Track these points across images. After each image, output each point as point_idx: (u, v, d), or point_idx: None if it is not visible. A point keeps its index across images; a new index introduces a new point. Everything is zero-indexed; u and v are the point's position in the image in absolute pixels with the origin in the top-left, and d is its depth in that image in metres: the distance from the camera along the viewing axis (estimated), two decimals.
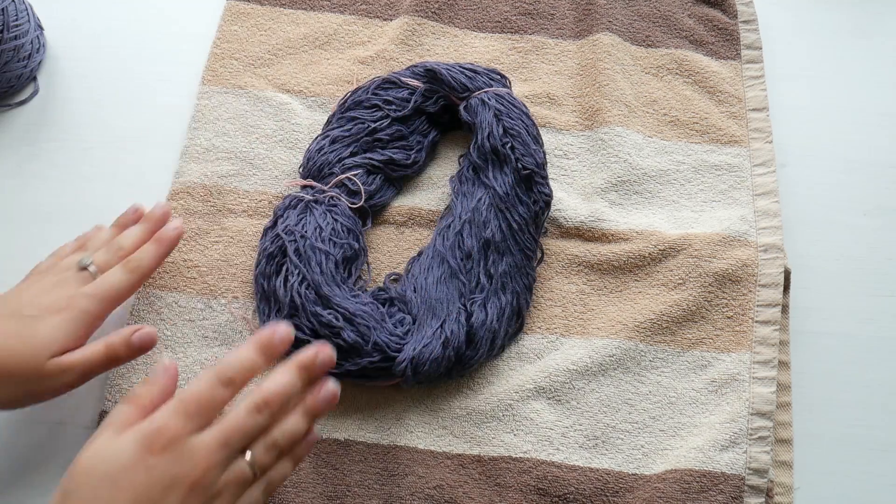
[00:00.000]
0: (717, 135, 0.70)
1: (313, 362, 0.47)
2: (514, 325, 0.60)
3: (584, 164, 0.69)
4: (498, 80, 0.68)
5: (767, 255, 0.64)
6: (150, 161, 0.69)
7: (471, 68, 0.67)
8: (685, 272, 0.63)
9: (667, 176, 0.68)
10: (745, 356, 0.60)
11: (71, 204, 0.67)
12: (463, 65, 0.68)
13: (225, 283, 0.62)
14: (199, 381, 0.44)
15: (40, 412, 0.59)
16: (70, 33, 0.75)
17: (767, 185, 0.68)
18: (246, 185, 0.67)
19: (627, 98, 0.71)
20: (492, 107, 0.64)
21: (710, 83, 0.73)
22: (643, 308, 0.62)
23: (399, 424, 0.58)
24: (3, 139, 0.70)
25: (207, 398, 0.44)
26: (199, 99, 0.71)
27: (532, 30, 0.76)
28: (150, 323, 0.61)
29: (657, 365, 0.60)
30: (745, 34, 0.76)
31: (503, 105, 0.65)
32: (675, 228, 0.66)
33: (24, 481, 0.56)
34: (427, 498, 0.55)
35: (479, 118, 0.64)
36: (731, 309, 0.62)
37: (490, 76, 0.67)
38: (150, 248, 0.58)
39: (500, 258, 0.60)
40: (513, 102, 0.66)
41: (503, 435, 0.58)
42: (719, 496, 0.55)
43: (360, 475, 0.56)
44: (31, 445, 0.57)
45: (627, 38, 0.75)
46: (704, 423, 0.58)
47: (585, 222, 0.65)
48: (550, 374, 0.59)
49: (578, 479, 0.56)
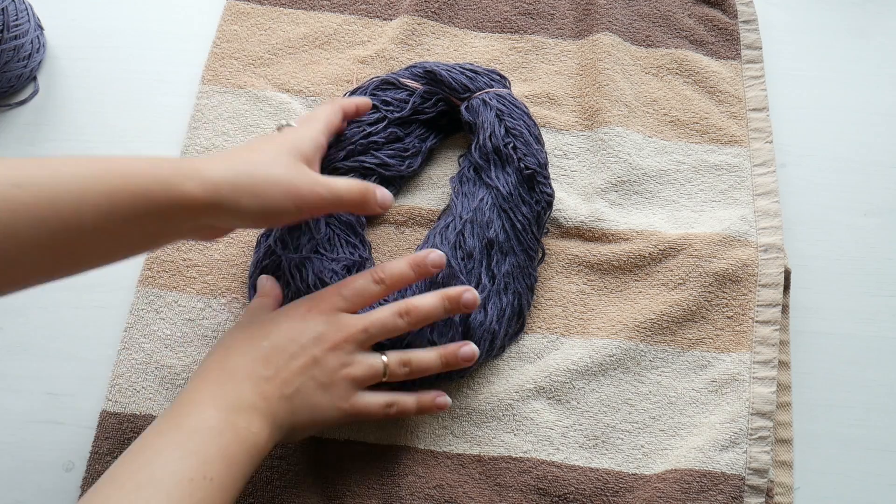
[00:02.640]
0: (717, 135, 0.70)
1: (459, 296, 0.54)
2: (515, 326, 0.60)
3: (584, 164, 0.69)
4: (498, 80, 0.67)
5: (767, 255, 0.64)
6: None
7: (471, 69, 0.67)
8: (685, 272, 0.63)
9: (667, 176, 0.68)
10: (745, 356, 0.60)
11: None
12: (463, 65, 0.67)
13: (225, 283, 0.62)
14: (357, 276, 0.54)
15: (40, 412, 0.59)
16: (70, 33, 0.75)
17: (767, 185, 0.68)
18: None
19: (627, 98, 0.71)
20: (493, 107, 0.64)
21: (711, 83, 0.73)
22: (643, 308, 0.62)
23: (399, 424, 0.58)
24: (3, 139, 0.70)
25: (361, 288, 0.53)
26: (198, 98, 0.71)
27: (532, 30, 0.76)
28: (149, 322, 0.61)
29: (657, 365, 0.60)
30: (745, 34, 0.76)
31: (505, 105, 0.64)
32: (675, 228, 0.66)
33: (24, 481, 0.56)
34: (427, 498, 0.55)
35: (481, 118, 0.64)
36: (731, 309, 0.62)
37: (490, 77, 0.67)
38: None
39: (503, 258, 0.60)
40: (514, 103, 0.65)
41: (503, 435, 0.58)
42: (719, 496, 0.55)
43: (359, 475, 0.56)
44: (31, 445, 0.57)
45: (627, 38, 0.75)
46: (704, 423, 0.58)
47: (585, 222, 0.65)
48: (550, 373, 0.59)
49: (578, 479, 0.56)
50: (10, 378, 0.60)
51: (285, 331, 0.51)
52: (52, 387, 0.60)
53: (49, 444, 0.58)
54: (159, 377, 0.59)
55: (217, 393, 0.47)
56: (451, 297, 0.54)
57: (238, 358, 0.49)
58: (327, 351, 0.51)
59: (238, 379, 0.48)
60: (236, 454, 0.46)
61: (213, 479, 0.44)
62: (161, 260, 0.63)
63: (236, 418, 0.47)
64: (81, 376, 0.60)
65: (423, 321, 0.53)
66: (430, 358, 0.54)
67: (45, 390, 0.60)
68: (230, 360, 0.49)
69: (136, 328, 0.61)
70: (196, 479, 0.43)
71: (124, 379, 0.59)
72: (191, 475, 0.43)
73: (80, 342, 0.61)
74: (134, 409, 0.57)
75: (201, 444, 0.45)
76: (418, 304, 0.53)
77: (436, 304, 0.54)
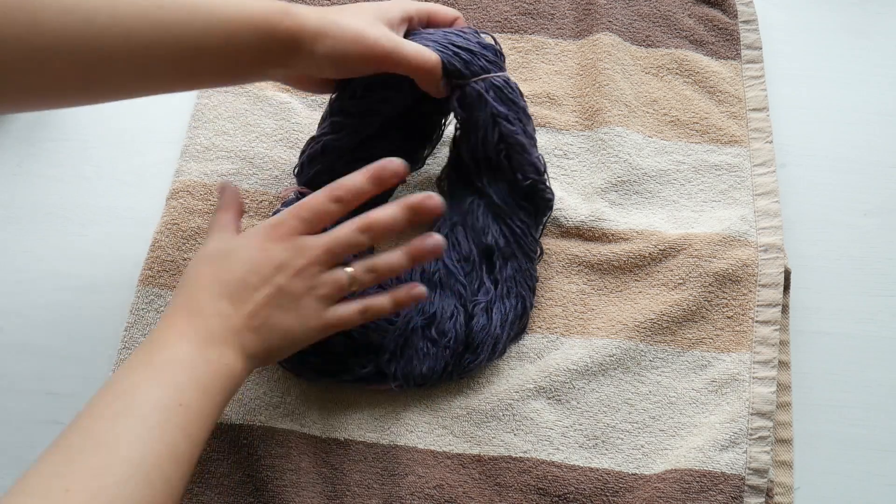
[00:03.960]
0: (717, 135, 0.70)
1: (421, 204, 0.52)
2: (518, 328, 0.60)
3: (584, 164, 0.68)
4: (493, 60, 0.60)
5: (767, 255, 0.64)
6: (150, 160, 0.69)
7: (465, 48, 0.58)
8: (685, 272, 0.63)
9: (667, 176, 0.68)
10: (745, 356, 0.60)
11: (71, 204, 0.67)
12: (455, 43, 0.58)
13: None
14: (315, 195, 0.53)
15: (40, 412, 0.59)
16: None
17: (767, 185, 0.68)
18: (246, 184, 0.67)
19: (627, 98, 0.71)
20: (489, 103, 0.58)
21: (711, 83, 0.73)
22: (643, 308, 0.62)
23: (399, 424, 0.58)
24: (3, 139, 0.70)
25: (319, 208, 0.52)
26: (198, 97, 0.71)
27: (532, 30, 0.76)
28: (149, 322, 0.61)
29: (657, 365, 0.60)
30: (745, 34, 0.76)
31: (502, 100, 0.59)
32: (675, 228, 0.66)
33: None
34: (427, 498, 0.55)
35: (474, 116, 0.59)
36: (731, 309, 0.62)
37: (485, 56, 0.59)
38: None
39: (504, 263, 0.60)
40: (513, 98, 0.59)
41: (503, 435, 0.58)
42: (719, 496, 0.55)
43: (360, 475, 0.56)
44: (31, 445, 0.57)
45: (627, 38, 0.75)
46: (704, 423, 0.58)
47: (585, 222, 0.65)
48: (550, 373, 0.59)
49: (578, 479, 0.56)
50: (10, 378, 0.60)
51: (247, 262, 0.51)
52: (52, 387, 0.60)
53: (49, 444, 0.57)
54: None
55: (186, 330, 0.48)
56: (412, 205, 0.52)
57: (204, 295, 0.50)
58: (291, 277, 0.51)
59: (205, 315, 0.49)
60: (210, 383, 0.47)
61: (188, 406, 0.45)
62: (161, 260, 0.63)
63: (207, 351, 0.48)
64: (81, 376, 0.60)
65: (385, 234, 0.53)
66: (396, 256, 0.53)
67: (45, 390, 0.60)
68: (197, 298, 0.50)
69: (136, 328, 0.61)
70: (171, 406, 0.45)
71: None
72: (166, 402, 0.45)
73: (80, 342, 0.61)
74: None
75: (174, 374, 0.46)
76: (377, 216, 0.52)
77: (396, 214, 0.52)
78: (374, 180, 0.52)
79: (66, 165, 0.69)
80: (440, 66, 0.56)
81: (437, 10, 0.61)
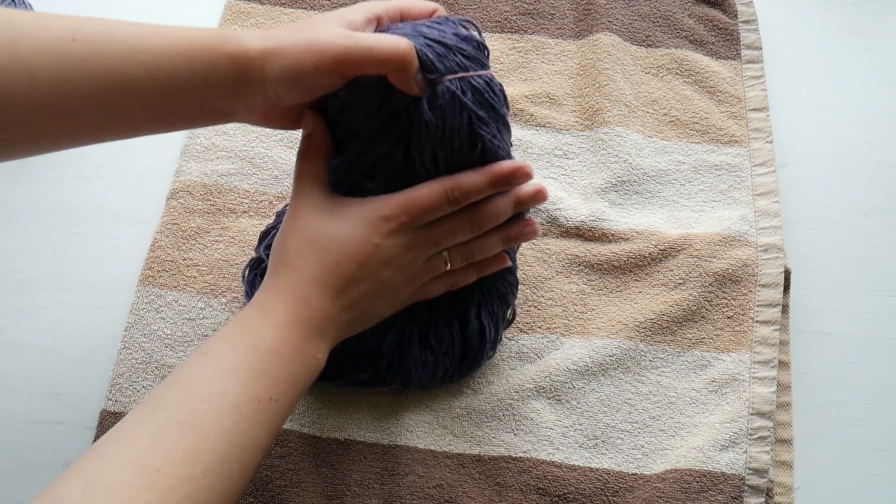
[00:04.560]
0: (717, 135, 0.70)
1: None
2: (509, 318, 0.60)
3: (584, 164, 0.69)
4: (473, 55, 0.50)
5: (767, 255, 0.64)
6: (150, 160, 0.69)
7: (438, 39, 0.48)
8: (685, 272, 0.63)
9: (667, 176, 0.68)
10: (745, 356, 0.60)
11: (71, 204, 0.67)
12: (426, 34, 0.49)
13: (225, 283, 0.62)
14: (429, 192, 0.50)
15: (40, 412, 0.59)
16: None
17: (767, 185, 0.68)
18: (246, 184, 0.67)
19: (627, 98, 0.71)
20: (467, 107, 0.49)
21: (710, 83, 0.73)
22: (643, 308, 0.62)
23: (399, 424, 0.58)
24: None
25: (432, 209, 0.51)
26: None
27: (532, 30, 0.76)
28: (149, 322, 0.61)
29: (657, 365, 0.60)
30: (745, 34, 0.76)
31: (481, 105, 0.50)
32: (675, 228, 0.66)
33: (24, 481, 0.56)
34: (427, 497, 0.55)
35: (447, 123, 0.49)
36: (731, 309, 0.62)
37: (462, 50, 0.49)
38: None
39: None
40: (494, 104, 0.50)
41: (503, 435, 0.58)
42: (719, 496, 0.55)
43: (360, 475, 0.56)
44: (31, 445, 0.57)
45: (627, 38, 0.75)
46: (704, 423, 0.58)
47: (585, 222, 0.65)
48: (550, 373, 0.59)
49: (578, 479, 0.56)
50: (10, 378, 0.60)
51: (355, 257, 0.50)
52: (52, 387, 0.60)
53: (49, 444, 0.57)
54: (159, 377, 0.59)
55: (292, 319, 0.48)
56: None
57: (312, 287, 0.49)
58: (396, 272, 0.51)
59: (311, 307, 0.49)
60: (301, 378, 0.48)
61: (278, 400, 0.46)
62: (161, 259, 0.63)
63: (307, 344, 0.48)
64: (81, 376, 0.60)
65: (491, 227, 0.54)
66: (490, 242, 0.54)
67: (45, 390, 0.60)
68: (304, 289, 0.49)
69: (136, 328, 0.61)
70: (263, 400, 0.45)
71: (124, 378, 0.59)
72: (259, 395, 0.45)
73: (80, 342, 0.61)
74: None
75: (273, 367, 0.46)
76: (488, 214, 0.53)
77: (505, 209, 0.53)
78: (494, 183, 0.52)
79: (66, 165, 0.69)
80: (413, 52, 0.46)
81: (411, 5, 0.52)
